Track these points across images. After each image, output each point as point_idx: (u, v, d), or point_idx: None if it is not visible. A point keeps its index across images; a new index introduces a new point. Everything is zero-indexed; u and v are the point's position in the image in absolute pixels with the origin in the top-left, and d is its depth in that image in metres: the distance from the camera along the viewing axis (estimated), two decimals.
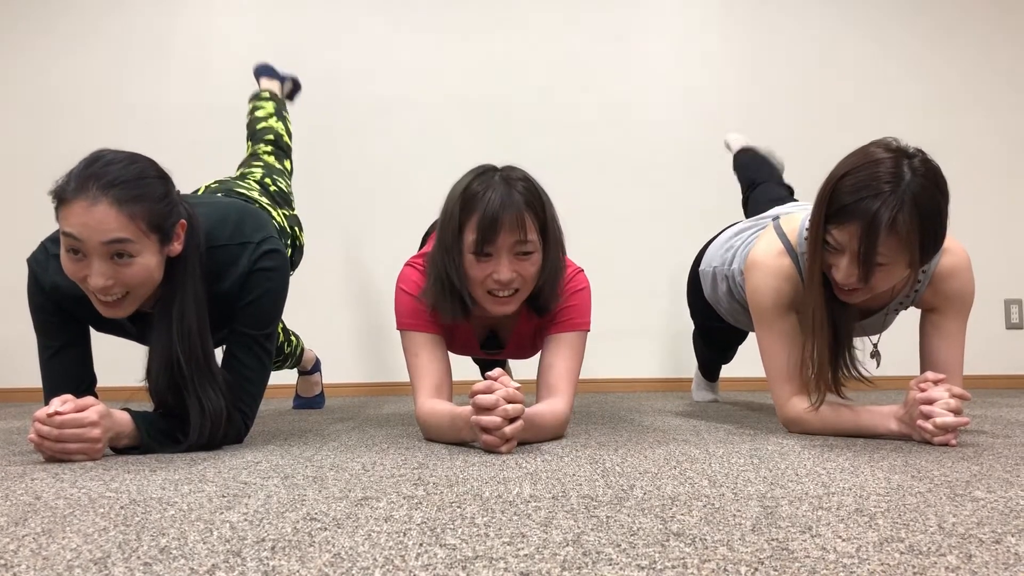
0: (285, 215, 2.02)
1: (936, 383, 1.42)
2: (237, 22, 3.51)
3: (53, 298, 1.47)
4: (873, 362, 1.67)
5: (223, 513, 0.90)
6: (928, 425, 1.38)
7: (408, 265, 1.69)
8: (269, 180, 2.16)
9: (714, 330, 2.26)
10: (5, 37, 3.47)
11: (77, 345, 1.52)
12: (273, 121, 2.45)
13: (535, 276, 1.53)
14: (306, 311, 2.81)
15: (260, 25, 3.50)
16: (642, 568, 0.67)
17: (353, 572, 0.66)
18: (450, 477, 1.13)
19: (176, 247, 1.39)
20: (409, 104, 3.46)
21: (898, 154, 1.39)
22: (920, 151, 1.42)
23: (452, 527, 0.82)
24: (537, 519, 0.85)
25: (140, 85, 3.45)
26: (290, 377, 2.76)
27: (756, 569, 0.66)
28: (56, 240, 1.43)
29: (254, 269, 1.50)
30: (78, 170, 1.29)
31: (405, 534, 0.79)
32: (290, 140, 2.48)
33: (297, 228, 2.08)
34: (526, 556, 0.70)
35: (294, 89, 2.81)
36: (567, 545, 0.74)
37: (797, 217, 1.69)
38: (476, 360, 2.60)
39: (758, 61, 3.55)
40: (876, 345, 1.72)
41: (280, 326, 2.33)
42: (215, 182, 2.00)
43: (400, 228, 2.86)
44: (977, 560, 0.68)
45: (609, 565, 0.68)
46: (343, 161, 3.40)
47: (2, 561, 0.70)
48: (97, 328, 1.57)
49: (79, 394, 1.38)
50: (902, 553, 0.71)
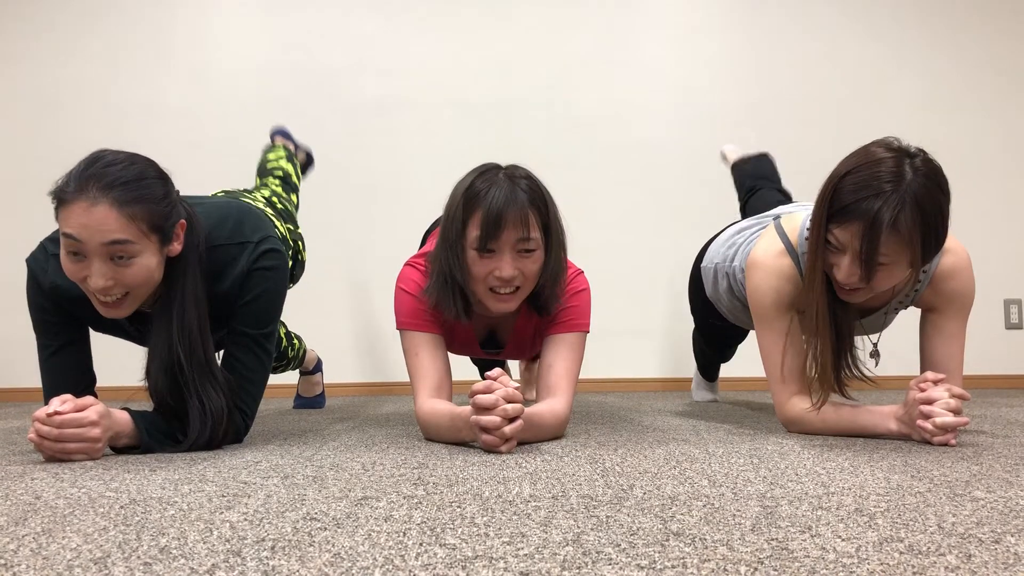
0: (289, 229, 2.02)
1: (936, 383, 1.42)
2: (236, 22, 3.51)
3: (52, 298, 1.47)
4: (872, 362, 1.67)
5: (223, 513, 0.90)
6: (928, 425, 1.38)
7: (408, 265, 1.69)
8: (276, 199, 2.19)
9: (714, 328, 2.26)
10: (4, 37, 3.47)
11: (77, 345, 1.52)
12: (284, 162, 2.46)
13: (537, 274, 1.53)
14: (306, 311, 2.81)
15: (260, 25, 3.50)
16: (642, 568, 0.67)
17: (353, 572, 0.66)
18: (450, 477, 1.13)
19: (176, 247, 1.39)
20: (409, 104, 3.46)
21: (900, 154, 1.39)
22: (921, 151, 1.42)
23: (452, 527, 0.82)
24: (537, 519, 0.85)
25: (139, 85, 3.45)
26: (291, 377, 2.76)
27: (756, 569, 0.66)
28: (55, 240, 1.43)
29: (253, 268, 1.50)
30: (78, 171, 1.29)
31: (405, 534, 0.79)
32: (299, 181, 2.48)
33: (300, 243, 2.08)
34: (526, 556, 0.70)
35: (308, 162, 2.70)
36: (567, 545, 0.74)
37: (798, 216, 1.69)
38: (475, 360, 2.60)
39: (758, 61, 3.55)
40: (876, 345, 1.72)
41: (283, 330, 2.33)
42: (221, 191, 1.99)
43: (399, 228, 2.86)
44: (977, 560, 0.68)
45: (609, 565, 0.68)
46: (343, 161, 3.40)
47: (2, 561, 0.71)
48: (96, 328, 1.57)
49: (79, 394, 1.39)
50: (902, 553, 0.71)
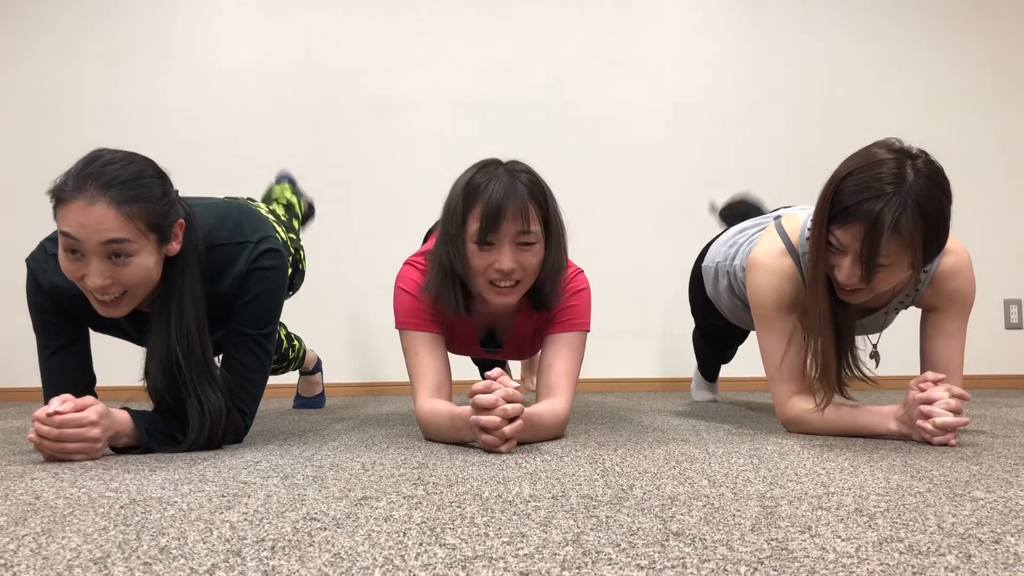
0: (291, 238, 2.02)
1: (936, 383, 1.42)
2: (236, 22, 3.51)
3: (52, 298, 1.47)
4: (872, 362, 1.67)
5: (223, 513, 0.90)
6: (928, 425, 1.38)
7: (407, 264, 1.69)
8: (279, 211, 2.21)
9: (714, 328, 2.26)
10: (4, 37, 3.47)
11: (76, 345, 1.52)
12: (288, 194, 2.47)
13: (536, 268, 1.53)
14: (305, 311, 2.81)
15: (260, 25, 3.50)
16: (642, 568, 0.67)
17: (353, 572, 0.66)
18: (450, 477, 1.13)
19: (174, 247, 1.39)
20: (409, 104, 3.46)
21: (901, 155, 1.39)
22: (923, 152, 1.42)
23: (452, 527, 0.82)
24: (537, 519, 0.85)
25: (139, 85, 3.44)
26: (291, 377, 2.76)
27: (756, 569, 0.66)
28: (55, 240, 1.43)
29: (253, 268, 1.50)
30: (76, 170, 1.29)
31: (405, 534, 0.79)
32: (300, 212, 2.49)
33: (301, 252, 2.08)
34: (526, 556, 0.70)
35: (309, 212, 2.65)
36: (567, 545, 0.74)
37: (799, 217, 1.69)
38: (475, 360, 2.60)
39: (758, 61, 3.55)
40: (875, 345, 1.72)
41: (283, 332, 2.33)
42: (226, 198, 1.99)
43: (399, 228, 2.86)
44: (976, 560, 0.68)
45: (609, 565, 0.67)
46: (342, 161, 3.40)
47: (2, 561, 0.70)
48: (95, 328, 1.57)
49: (78, 393, 1.39)
50: (901, 553, 0.71)
